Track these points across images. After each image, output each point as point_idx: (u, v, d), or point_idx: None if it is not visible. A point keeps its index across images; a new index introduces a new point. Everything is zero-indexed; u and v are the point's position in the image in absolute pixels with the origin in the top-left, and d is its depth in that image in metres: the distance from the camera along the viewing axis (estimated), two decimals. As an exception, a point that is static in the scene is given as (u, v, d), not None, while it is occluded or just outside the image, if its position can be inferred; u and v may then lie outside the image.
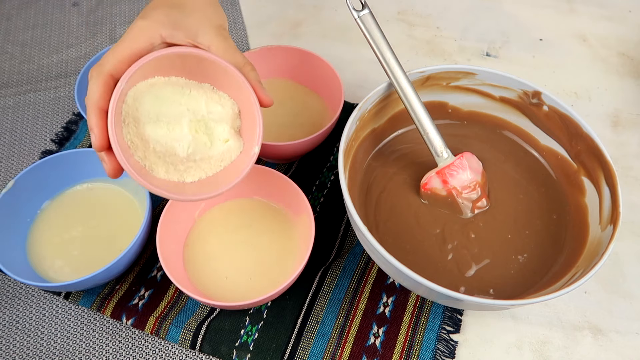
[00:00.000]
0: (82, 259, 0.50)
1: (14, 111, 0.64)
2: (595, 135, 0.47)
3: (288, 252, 0.50)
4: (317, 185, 0.58)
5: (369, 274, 0.51)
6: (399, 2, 0.77)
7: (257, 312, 0.49)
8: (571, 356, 0.48)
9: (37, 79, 0.68)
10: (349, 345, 0.47)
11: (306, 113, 0.60)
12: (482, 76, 0.51)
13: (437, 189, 0.49)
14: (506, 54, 0.71)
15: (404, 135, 0.55)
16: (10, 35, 0.73)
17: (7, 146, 0.61)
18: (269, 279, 0.48)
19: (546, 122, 0.52)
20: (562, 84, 0.68)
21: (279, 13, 0.76)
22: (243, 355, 0.47)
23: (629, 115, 0.65)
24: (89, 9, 0.76)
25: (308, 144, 0.53)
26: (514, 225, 0.49)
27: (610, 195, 0.45)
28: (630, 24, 0.75)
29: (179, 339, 0.47)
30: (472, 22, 0.75)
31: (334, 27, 0.74)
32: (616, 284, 0.52)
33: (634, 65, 0.70)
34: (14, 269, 0.45)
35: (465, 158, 0.49)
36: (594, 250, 0.44)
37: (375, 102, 0.50)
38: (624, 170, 0.60)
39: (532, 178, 0.53)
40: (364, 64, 0.69)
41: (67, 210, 0.52)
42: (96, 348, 0.48)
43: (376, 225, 0.49)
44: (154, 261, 0.52)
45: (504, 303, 0.39)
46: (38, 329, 0.49)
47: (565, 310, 0.50)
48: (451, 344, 0.48)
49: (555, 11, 0.76)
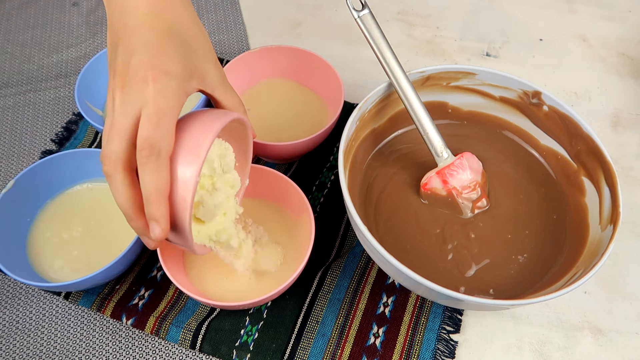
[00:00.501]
0: (82, 259, 0.50)
1: (14, 111, 0.64)
2: (595, 135, 0.47)
3: (288, 252, 0.50)
4: (317, 185, 0.57)
5: (369, 274, 0.51)
6: (399, 2, 0.77)
7: (257, 312, 0.49)
8: (571, 356, 0.48)
9: (37, 79, 0.68)
10: (349, 345, 0.47)
11: (306, 113, 0.60)
12: (482, 76, 0.51)
13: (437, 189, 0.49)
14: (506, 54, 0.71)
15: (404, 135, 0.55)
16: (10, 35, 0.73)
17: (7, 146, 0.61)
18: (269, 279, 0.48)
19: (546, 122, 0.52)
20: (562, 84, 0.68)
21: (279, 13, 0.76)
22: (243, 355, 0.47)
23: (629, 115, 0.65)
24: (89, 9, 0.76)
25: (308, 144, 0.53)
26: (514, 225, 0.49)
27: (610, 195, 0.45)
28: (630, 24, 0.75)
29: (179, 339, 0.47)
30: (472, 22, 0.75)
31: (334, 27, 0.74)
32: (616, 284, 0.52)
33: (634, 65, 0.70)
34: (14, 269, 0.45)
35: (465, 158, 0.49)
36: (594, 250, 0.44)
37: (375, 102, 0.50)
38: (624, 170, 0.60)
39: (532, 178, 0.53)
40: (364, 64, 0.69)
41: (67, 210, 0.52)
42: (96, 348, 0.48)
43: (376, 225, 0.49)
44: (154, 261, 0.52)
45: (504, 303, 0.39)
46: (38, 329, 0.49)
47: (565, 310, 0.50)
48: (451, 344, 0.48)
49: (555, 11, 0.76)
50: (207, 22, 0.74)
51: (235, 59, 0.58)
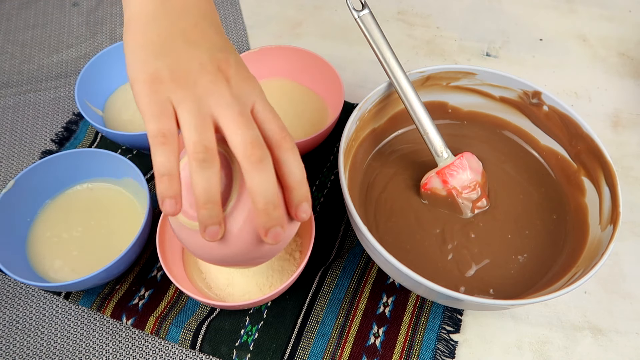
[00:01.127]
0: (82, 259, 0.50)
1: (14, 111, 0.64)
2: (595, 135, 0.47)
3: (287, 252, 0.50)
4: (317, 185, 0.58)
5: (369, 274, 0.51)
6: (399, 2, 0.77)
7: (257, 312, 0.49)
8: (571, 356, 0.48)
9: (37, 79, 0.68)
10: (349, 345, 0.47)
11: (306, 113, 0.60)
12: (482, 76, 0.51)
13: (437, 189, 0.49)
14: (506, 54, 0.71)
15: (404, 135, 0.55)
16: (10, 35, 0.73)
17: (7, 146, 0.61)
18: (269, 278, 0.48)
19: (546, 122, 0.52)
20: (562, 84, 0.68)
21: (279, 13, 0.76)
22: (243, 355, 0.47)
23: (629, 115, 0.65)
24: (89, 9, 0.76)
25: (308, 144, 0.53)
26: (514, 225, 0.49)
27: (610, 195, 0.45)
28: (630, 24, 0.75)
29: (179, 339, 0.47)
30: (472, 22, 0.75)
31: (334, 27, 0.74)
32: (616, 284, 0.52)
33: (634, 65, 0.70)
34: (14, 269, 0.45)
35: (465, 158, 0.49)
36: (594, 250, 0.44)
37: (375, 102, 0.50)
38: (624, 170, 0.60)
39: (532, 178, 0.53)
40: (364, 64, 0.69)
41: (67, 210, 0.52)
42: (96, 348, 0.48)
43: (376, 225, 0.49)
44: (154, 261, 0.52)
45: (504, 303, 0.39)
46: (38, 329, 0.49)
47: (565, 310, 0.50)
48: (451, 344, 0.48)
49: (555, 11, 0.76)
50: (207, 22, 0.74)
51: (235, 59, 0.58)
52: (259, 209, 0.32)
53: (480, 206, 0.50)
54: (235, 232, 0.33)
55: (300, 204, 0.34)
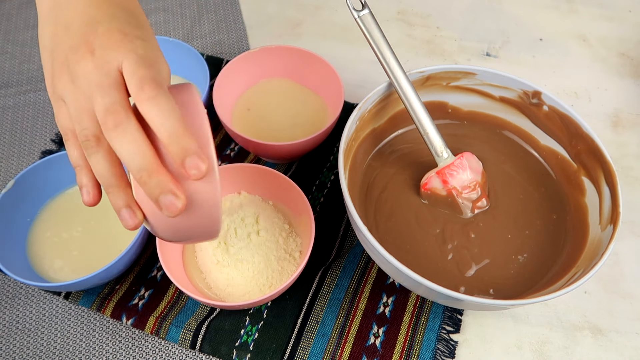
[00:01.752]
0: (82, 259, 0.50)
1: (14, 111, 0.64)
2: (595, 135, 0.47)
3: (287, 252, 0.50)
4: (317, 185, 0.57)
5: (369, 274, 0.51)
6: (399, 2, 0.77)
7: (257, 312, 0.49)
8: (571, 356, 0.48)
9: (37, 79, 0.68)
10: (349, 345, 0.47)
11: (306, 113, 0.60)
12: (482, 76, 0.51)
13: (437, 189, 0.49)
14: (506, 54, 0.71)
15: (404, 135, 0.55)
16: (10, 35, 0.73)
17: (7, 146, 0.61)
18: (269, 279, 0.48)
19: (546, 122, 0.52)
20: (562, 84, 0.68)
21: (279, 13, 0.76)
22: (243, 355, 0.47)
23: (629, 115, 0.65)
24: (89, 9, 0.76)
25: (308, 144, 0.53)
26: (514, 225, 0.49)
27: (610, 195, 0.45)
28: (630, 24, 0.75)
29: (179, 339, 0.47)
30: (472, 22, 0.75)
31: (334, 27, 0.74)
32: (616, 284, 0.52)
33: (634, 65, 0.70)
34: (14, 269, 0.45)
35: (465, 158, 0.49)
36: (594, 250, 0.44)
37: (375, 102, 0.50)
38: (624, 170, 0.60)
39: (532, 178, 0.53)
40: (364, 64, 0.69)
41: (67, 210, 0.52)
42: (96, 348, 0.48)
43: (376, 225, 0.49)
44: (154, 261, 0.52)
45: (504, 303, 0.39)
46: (38, 329, 0.49)
47: (565, 310, 0.50)
48: (451, 344, 0.48)
49: (555, 11, 0.76)
50: (207, 22, 0.74)
51: (235, 59, 0.58)
52: (135, 179, 0.30)
53: (480, 206, 0.50)
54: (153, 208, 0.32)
55: (184, 160, 0.29)
